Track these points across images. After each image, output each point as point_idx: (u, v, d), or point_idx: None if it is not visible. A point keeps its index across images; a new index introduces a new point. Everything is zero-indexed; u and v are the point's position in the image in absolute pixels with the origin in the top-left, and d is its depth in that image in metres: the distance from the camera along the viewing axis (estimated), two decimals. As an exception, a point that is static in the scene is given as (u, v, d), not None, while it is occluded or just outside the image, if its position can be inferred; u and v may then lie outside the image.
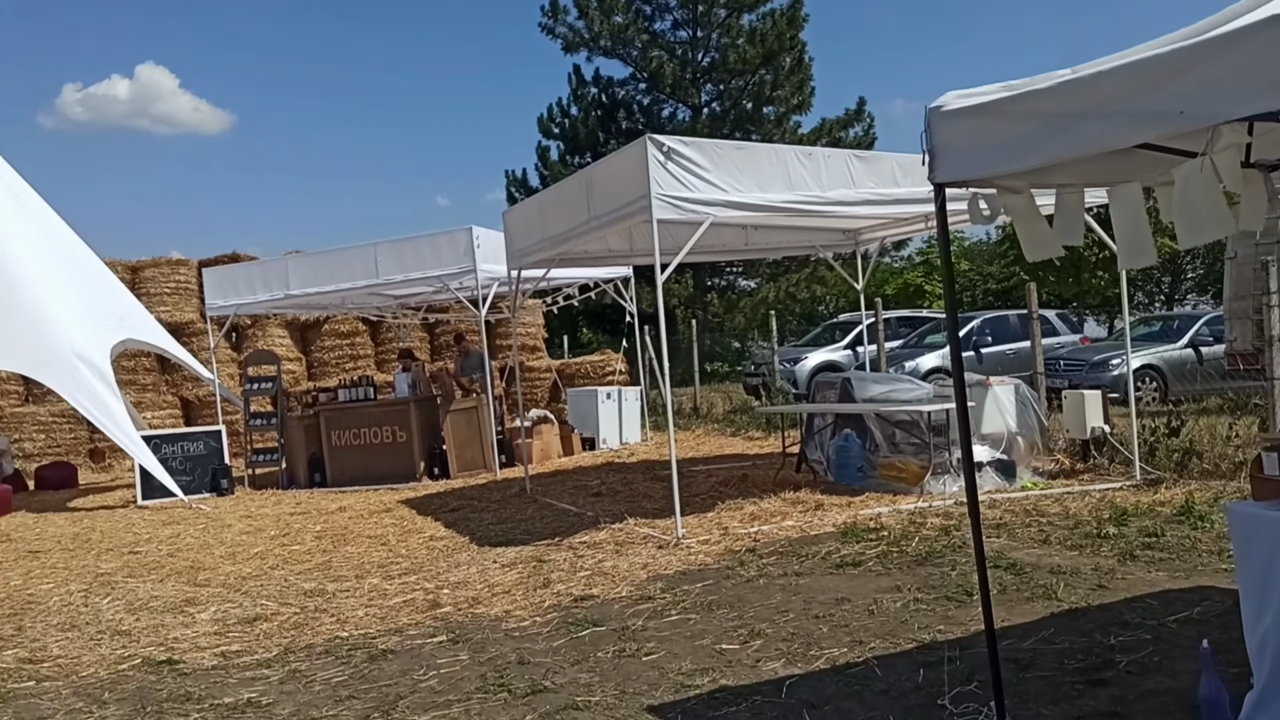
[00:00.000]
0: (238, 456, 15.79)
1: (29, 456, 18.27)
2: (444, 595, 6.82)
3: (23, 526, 11.81)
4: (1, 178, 14.26)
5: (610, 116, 31.41)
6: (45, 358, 12.83)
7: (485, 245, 12.43)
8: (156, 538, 10.29)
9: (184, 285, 20.57)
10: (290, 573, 8.06)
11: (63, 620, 6.84)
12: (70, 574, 8.56)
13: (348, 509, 11.39)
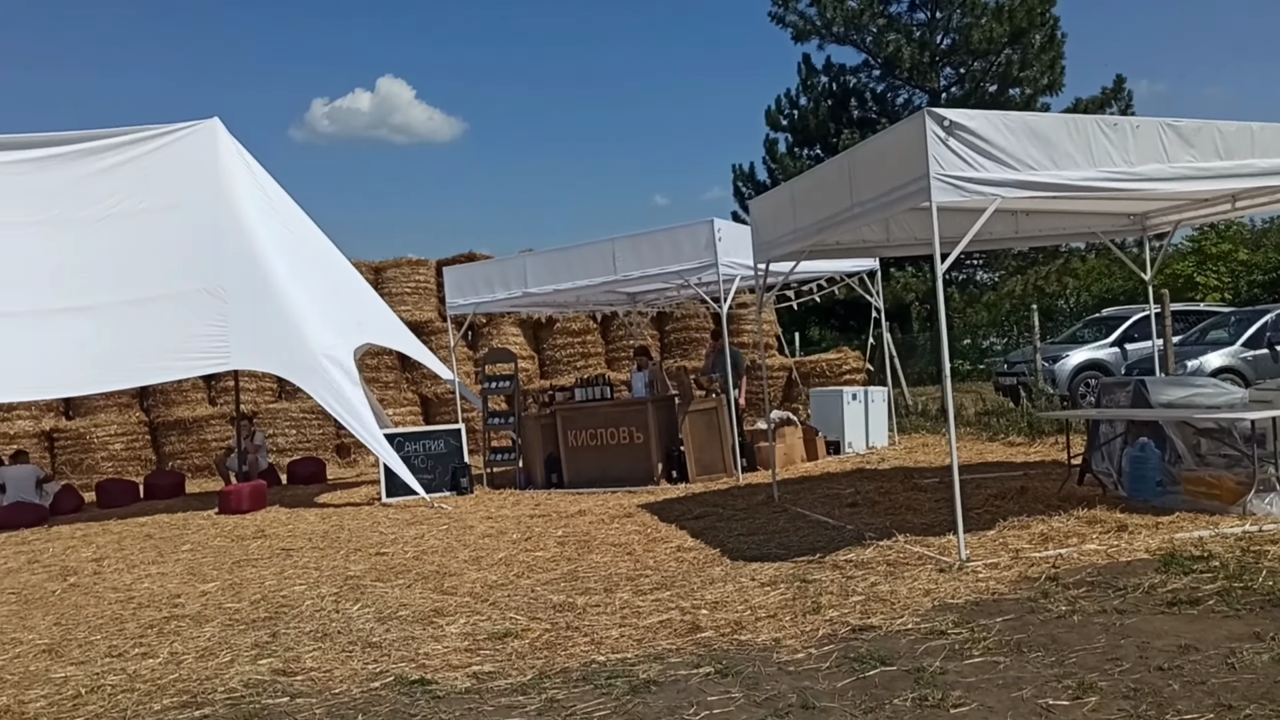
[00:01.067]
0: (475, 454, 15.83)
1: (281, 451, 19.02)
2: (703, 617, 6.23)
3: (276, 522, 12.06)
4: (260, 186, 14.75)
5: (842, 106, 30.34)
6: (297, 359, 13.12)
7: (727, 238, 11.84)
8: (402, 538, 10.20)
9: (423, 285, 21.01)
10: (536, 582, 7.68)
11: (315, 628, 6.65)
12: (321, 575, 8.49)
13: (587, 513, 11.02)
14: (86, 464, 19.15)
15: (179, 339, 13.37)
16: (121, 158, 14.40)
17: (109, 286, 13.67)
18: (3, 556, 11.12)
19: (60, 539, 12.15)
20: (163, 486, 16.29)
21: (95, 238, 13.90)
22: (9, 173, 14.19)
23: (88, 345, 13.30)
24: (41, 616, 7.75)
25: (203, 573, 9.07)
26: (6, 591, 8.96)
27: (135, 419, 19.93)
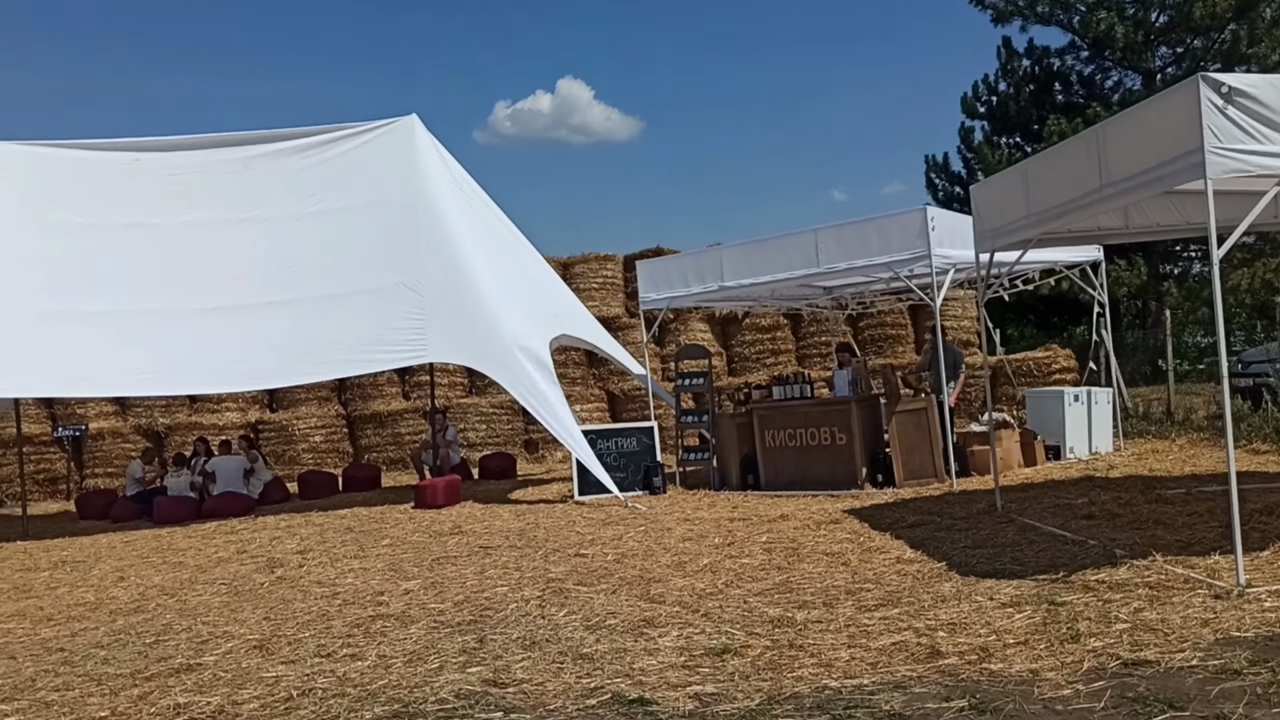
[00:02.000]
0: (666, 453, 15.47)
1: (472, 446, 19.15)
2: (941, 640, 5.61)
3: (472, 518, 11.97)
4: (456, 182, 14.79)
5: (1045, 90, 28.73)
6: (492, 351, 13.04)
7: (940, 227, 11.07)
8: (599, 539, 9.89)
9: (610, 280, 20.85)
10: (747, 592, 7.19)
11: (522, 634, 6.33)
12: (523, 577, 8.22)
13: (790, 517, 10.47)
14: (288, 455, 19.75)
15: (377, 332, 13.50)
16: (324, 155, 14.67)
17: (311, 281, 13.93)
18: (214, 545, 11.38)
19: (266, 529, 12.38)
20: (360, 479, 16.59)
21: (299, 234, 14.20)
22: (218, 171, 14.65)
23: (291, 338, 13.58)
24: (251, 609, 7.73)
25: (404, 570, 8.96)
26: (218, 581, 9.07)
27: (334, 412, 20.46)
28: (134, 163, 14.55)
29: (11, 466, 19.53)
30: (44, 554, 11.77)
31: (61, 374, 13.20)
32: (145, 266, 13.97)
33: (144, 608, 8.17)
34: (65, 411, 20.24)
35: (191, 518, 13.89)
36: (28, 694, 5.85)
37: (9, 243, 13.80)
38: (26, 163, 14.43)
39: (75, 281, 13.73)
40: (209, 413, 20.27)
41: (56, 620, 7.95)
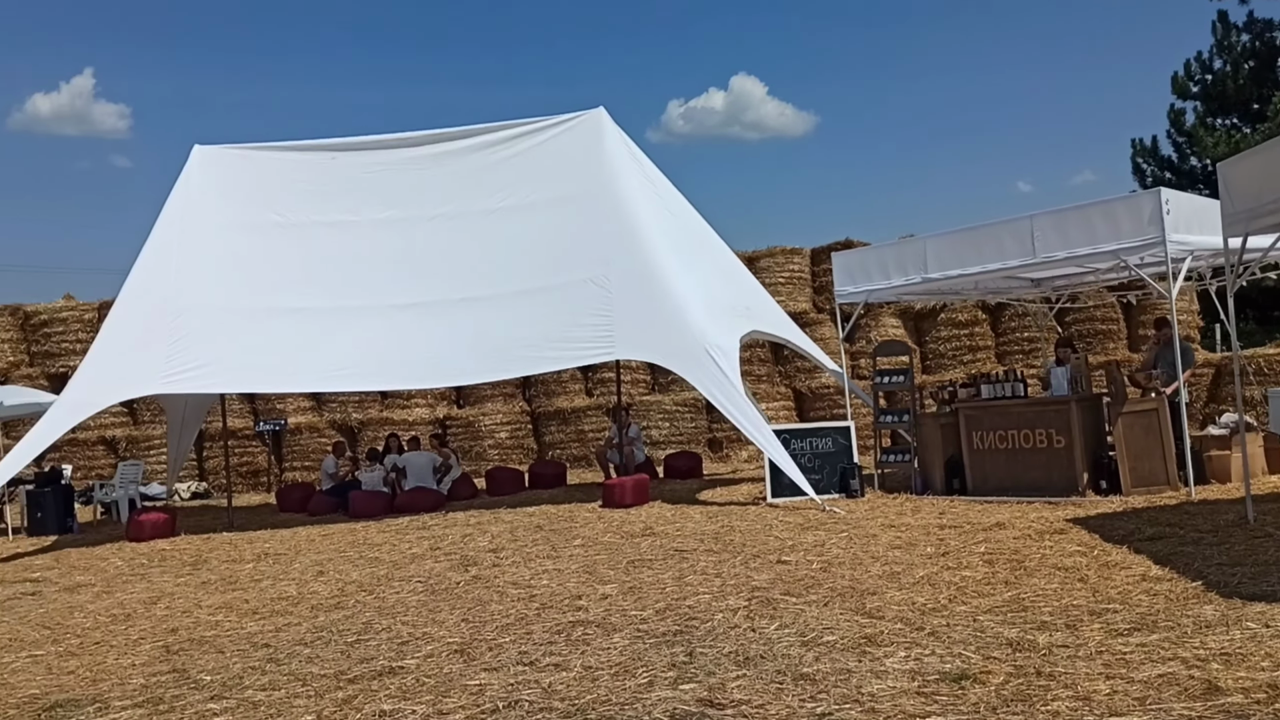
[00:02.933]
0: (863, 454, 14.80)
1: (654, 444, 18.89)
2: (1217, 673, 4.89)
3: (662, 519, 11.63)
4: (645, 175, 14.52)
5: (1268, 67, 26.50)
6: (680, 348, 12.69)
7: (1176, 211, 10.07)
8: (800, 544, 9.38)
9: (797, 274, 20.25)
10: (975, 609, 6.56)
11: (734, 649, 5.89)
12: (724, 584, 7.79)
13: (1007, 526, 9.71)
14: (474, 451, 19.94)
15: (564, 329, 13.35)
16: (513, 150, 14.64)
17: (500, 278, 13.89)
18: (407, 541, 11.39)
19: (457, 526, 12.36)
20: (546, 476, 16.53)
21: (488, 230, 14.20)
22: (411, 168, 14.80)
23: (480, 335, 13.56)
24: (449, 610, 7.56)
25: (599, 572, 8.66)
26: (414, 579, 8.98)
27: (518, 409, 20.56)
28: (331, 162, 14.85)
29: (218, 459, 20.39)
30: (248, 545, 12.04)
31: (264, 370, 13.54)
32: (341, 264, 14.22)
33: (344, 604, 8.12)
34: (266, 407, 20.99)
35: (384, 512, 14.05)
36: (235, 692, 5.77)
37: (215, 243, 14.27)
38: (231, 165, 14.92)
39: (276, 279, 14.08)
40: (399, 408, 20.66)
41: (261, 614, 7.97)
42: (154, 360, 13.15)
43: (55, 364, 21.41)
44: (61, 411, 13.02)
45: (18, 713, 5.75)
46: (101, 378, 13.24)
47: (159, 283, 13.90)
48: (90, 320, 21.59)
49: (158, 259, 14.07)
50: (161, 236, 14.23)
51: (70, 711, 5.69)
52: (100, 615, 8.41)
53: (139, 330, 13.49)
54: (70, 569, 11.22)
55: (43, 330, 21.91)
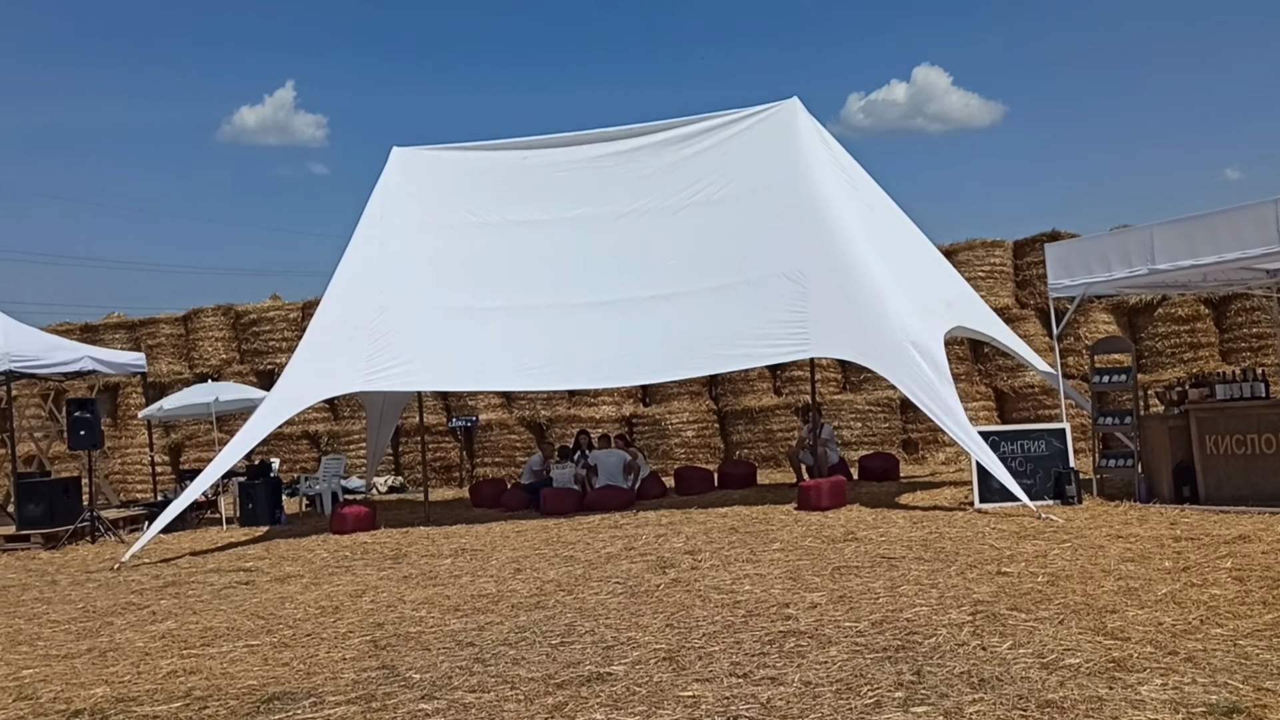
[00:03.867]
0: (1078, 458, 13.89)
1: (846, 444, 18.34)
2: None
3: (862, 523, 11.16)
4: (840, 166, 14.04)
5: None
6: (879, 345, 12.17)
7: None
8: (1019, 555, 8.76)
9: (999, 268, 19.32)
10: (1233, 632, 5.90)
11: (965, 669, 5.44)
12: (942, 596, 7.29)
13: (1251, 539, 8.84)
14: (661, 450, 19.81)
15: (757, 326, 13.01)
16: (704, 144, 14.39)
17: (691, 274, 13.67)
18: (600, 540, 11.28)
19: (649, 525, 12.18)
20: (735, 476, 16.23)
21: (680, 226, 13.99)
22: (601, 165, 14.73)
23: (671, 333, 13.37)
24: (651, 614, 7.33)
25: (803, 578, 8.29)
26: (612, 580, 8.81)
27: (705, 407, 20.33)
28: (523, 161, 14.94)
29: (413, 454, 20.94)
30: (445, 540, 12.17)
31: (458, 368, 13.71)
32: (532, 262, 14.28)
33: (544, 604, 8.01)
34: (458, 403, 21.42)
35: (575, 510, 14.02)
36: (445, 693, 5.68)
37: (412, 243, 14.54)
38: (427, 166, 15.19)
39: (470, 278, 14.24)
40: (586, 406, 20.74)
41: (463, 611, 7.94)
42: (355, 358, 13.49)
43: (263, 361, 22.41)
44: (270, 408, 13.49)
45: (238, 703, 5.82)
46: (307, 376, 13.66)
47: (360, 283, 14.26)
48: (295, 319, 22.51)
49: (360, 259, 14.45)
50: (363, 237, 14.61)
51: (286, 704, 5.71)
52: (310, 606, 8.56)
53: (342, 329, 13.87)
54: (280, 559, 11.58)
55: (251, 329, 22.98)
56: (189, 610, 8.78)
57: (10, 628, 8.55)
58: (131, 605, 9.22)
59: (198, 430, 21.90)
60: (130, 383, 22.37)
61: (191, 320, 23.55)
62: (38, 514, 14.39)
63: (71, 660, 7.19)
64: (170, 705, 5.86)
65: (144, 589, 10.09)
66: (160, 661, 6.93)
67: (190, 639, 7.61)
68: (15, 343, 15.06)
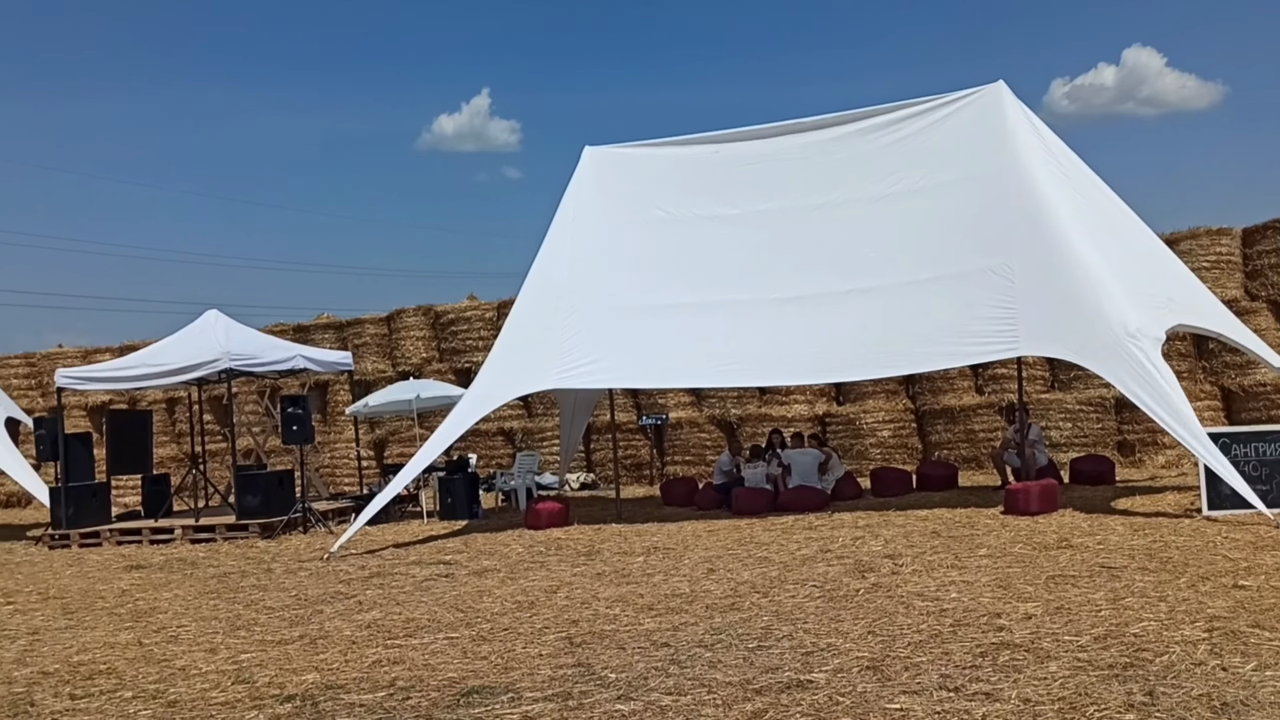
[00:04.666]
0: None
1: (1054, 446, 17.43)
2: None
3: (1077, 530, 10.50)
4: (1050, 152, 13.30)
5: None
6: (1096, 343, 11.45)
7: None
8: (1257, 567, 8.02)
9: (1225, 258, 17.98)
10: None
11: (1204, 691, 4.96)
12: (1172, 610, 6.71)
13: None
14: (855, 450, 19.30)
15: (961, 322, 12.46)
16: (903, 132, 13.88)
17: (888, 268, 13.20)
18: (795, 541, 11.00)
19: (844, 527, 11.82)
20: (935, 478, 15.62)
21: (876, 218, 13.53)
22: (794, 157, 14.42)
23: (867, 329, 12.95)
24: (851, 620, 7.04)
25: (1015, 587, 7.81)
26: (808, 583, 8.54)
27: (902, 406, 19.70)
28: (714, 155, 14.77)
29: (604, 451, 21.11)
30: (637, 538, 12.14)
31: (650, 366, 13.67)
32: (723, 258, 14.08)
33: (738, 605, 7.82)
34: (648, 401, 21.47)
35: (767, 510, 13.77)
36: (641, 694, 5.57)
37: (604, 241, 14.60)
38: (619, 164, 15.22)
39: (660, 275, 14.17)
40: (778, 404, 20.42)
41: (657, 610, 7.83)
42: (549, 356, 13.63)
43: (460, 359, 23.04)
44: (468, 405, 13.80)
45: (439, 695, 5.87)
46: (502, 374, 13.90)
47: (553, 282, 14.41)
48: (491, 319, 23.05)
49: (552, 259, 14.60)
50: (557, 236, 14.76)
51: (485, 698, 5.72)
52: (506, 601, 8.64)
53: (535, 328, 14.05)
54: (477, 553, 11.79)
55: (450, 328, 23.67)
56: (392, 601, 9.01)
57: (231, 612, 8.97)
58: (340, 594, 9.55)
59: (400, 426, 22.71)
60: (338, 380, 23.40)
61: (394, 320, 24.45)
62: (255, 505, 15.16)
63: (285, 646, 7.45)
64: (375, 694, 5.97)
65: (351, 579, 10.44)
66: (366, 650, 7.10)
67: (394, 629, 7.78)
68: (235, 342, 15.93)
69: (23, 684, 6.85)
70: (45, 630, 8.73)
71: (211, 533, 14.96)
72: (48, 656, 7.66)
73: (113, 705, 6.15)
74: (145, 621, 8.81)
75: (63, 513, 15.61)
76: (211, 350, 15.51)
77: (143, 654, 7.52)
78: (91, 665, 7.26)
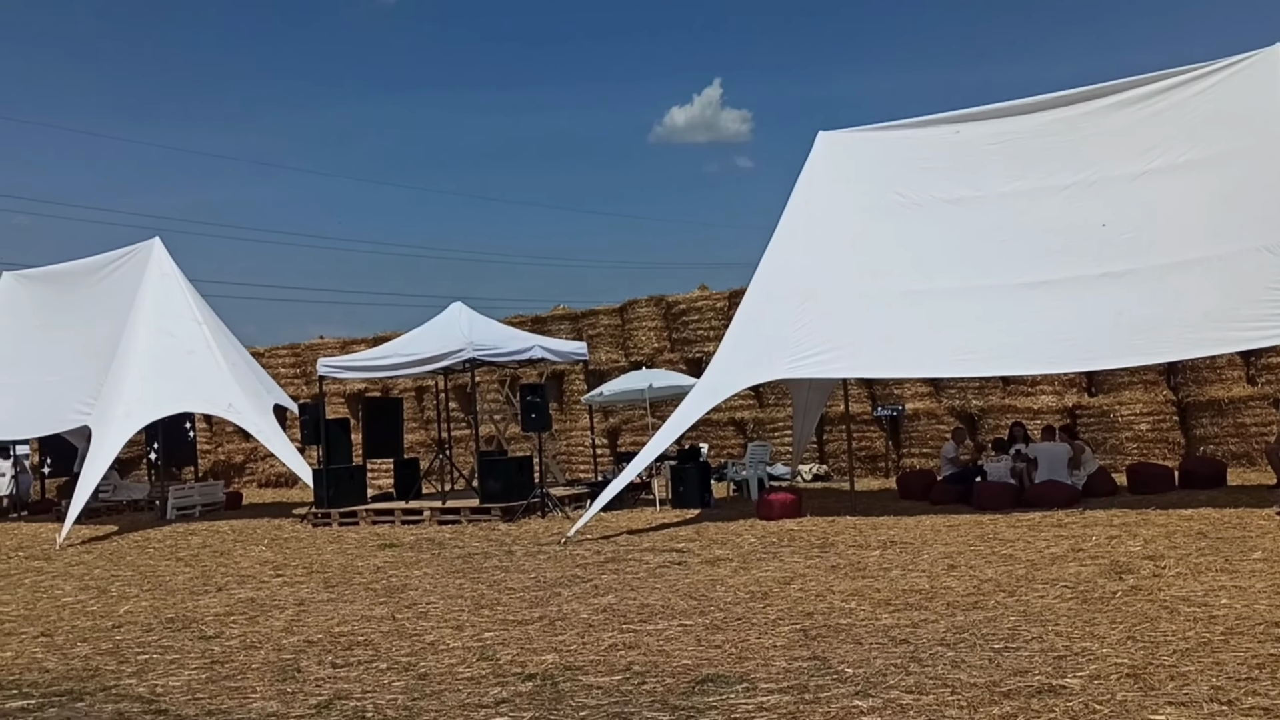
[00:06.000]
0: None
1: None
2: None
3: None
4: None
5: None
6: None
7: None
8: None
9: None
10: None
11: None
12: None
13: None
14: (1109, 444, 18.19)
15: (1229, 306, 11.51)
16: (1162, 105, 12.91)
17: (1145, 249, 12.35)
18: (1043, 539, 10.45)
19: (1098, 525, 11.14)
20: (1200, 475, 14.49)
21: (1132, 196, 12.67)
22: (1042, 134, 13.70)
23: (1124, 314, 12.11)
24: (1108, 624, 6.58)
25: (1297, 595, 7.10)
26: (1058, 583, 8.07)
27: (1162, 398, 18.39)
28: (955, 135, 14.20)
29: (838, 443, 20.75)
30: (872, 531, 11.84)
31: (887, 355, 13.28)
32: (966, 242, 13.52)
33: (982, 604, 7.46)
34: (883, 391, 20.95)
35: (1011, 505, 13.15)
36: (880, 691, 5.38)
37: (839, 227, 14.29)
38: (854, 148, 14.88)
39: (898, 261, 13.75)
40: (1023, 395, 19.48)
41: (894, 606, 7.58)
42: (782, 345, 13.46)
43: (691, 349, 23.18)
44: (699, 395, 13.82)
45: (674, 681, 5.87)
46: (733, 364, 13.85)
47: (786, 270, 14.23)
48: (722, 309, 23.07)
49: (785, 247, 14.42)
50: (789, 224, 14.57)
51: (720, 687, 5.67)
52: (739, 591, 8.58)
53: (767, 317, 13.91)
54: (709, 542, 11.80)
55: (681, 318, 23.85)
56: (627, 586, 9.12)
57: (475, 592, 9.32)
58: (576, 578, 9.75)
59: (633, 415, 23.08)
60: (573, 370, 24.03)
61: (627, 311, 24.86)
62: (497, 489, 15.75)
63: (525, 626, 7.66)
64: (611, 677, 6.03)
65: (587, 563, 10.66)
66: (602, 634, 7.20)
67: (628, 614, 7.86)
68: (477, 333, 16.59)
69: (290, 651, 7.33)
70: (310, 602, 9.34)
71: (457, 515, 15.65)
72: (312, 626, 8.18)
73: (369, 675, 6.48)
74: (397, 597, 9.27)
75: (324, 492, 16.71)
76: (456, 341, 16.20)
77: (396, 628, 7.90)
78: (350, 636, 7.69)
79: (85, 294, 20.29)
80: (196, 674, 6.79)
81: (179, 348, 18.55)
